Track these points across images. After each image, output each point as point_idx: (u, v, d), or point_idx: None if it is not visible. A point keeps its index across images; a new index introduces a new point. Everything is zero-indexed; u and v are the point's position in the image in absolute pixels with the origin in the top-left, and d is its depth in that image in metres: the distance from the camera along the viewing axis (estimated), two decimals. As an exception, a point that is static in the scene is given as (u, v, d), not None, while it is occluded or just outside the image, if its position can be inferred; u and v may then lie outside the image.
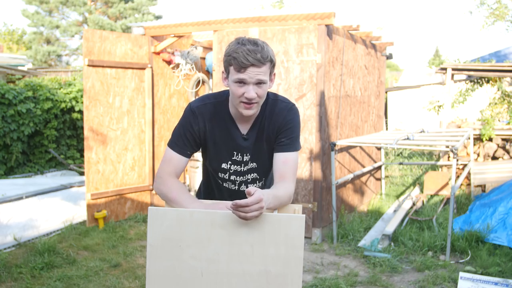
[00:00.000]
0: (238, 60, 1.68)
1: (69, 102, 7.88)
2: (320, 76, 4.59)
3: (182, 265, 1.61)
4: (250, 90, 1.71)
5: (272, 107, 1.88)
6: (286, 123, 1.86)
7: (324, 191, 4.82)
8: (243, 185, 1.98)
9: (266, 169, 1.98)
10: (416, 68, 16.17)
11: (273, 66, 1.77)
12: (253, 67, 1.68)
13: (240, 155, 1.91)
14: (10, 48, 23.82)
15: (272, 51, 1.75)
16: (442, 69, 7.28)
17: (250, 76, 1.69)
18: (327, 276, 3.81)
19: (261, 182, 2.00)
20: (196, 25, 5.25)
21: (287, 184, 1.78)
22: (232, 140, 1.88)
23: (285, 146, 1.85)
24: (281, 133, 1.86)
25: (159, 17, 24.33)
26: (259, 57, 1.68)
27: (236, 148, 1.90)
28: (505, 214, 4.52)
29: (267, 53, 1.70)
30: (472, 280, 3.59)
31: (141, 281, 3.70)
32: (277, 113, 1.87)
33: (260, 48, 1.69)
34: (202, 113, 1.85)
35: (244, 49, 1.67)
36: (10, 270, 3.85)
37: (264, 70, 1.71)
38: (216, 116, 1.86)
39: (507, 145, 6.73)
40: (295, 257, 1.55)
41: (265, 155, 1.93)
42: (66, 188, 6.00)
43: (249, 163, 1.94)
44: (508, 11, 13.45)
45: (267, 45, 1.74)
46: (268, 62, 1.72)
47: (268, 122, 1.88)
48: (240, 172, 1.94)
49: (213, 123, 1.86)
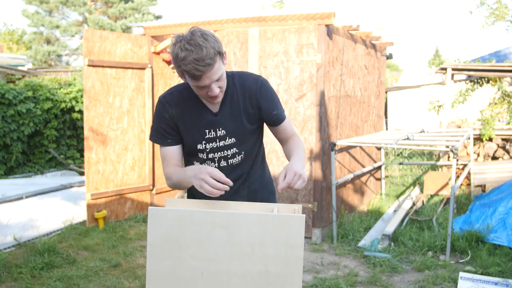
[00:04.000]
0: (190, 72, 1.68)
1: (69, 102, 7.88)
2: (320, 76, 4.59)
3: (182, 265, 1.61)
4: (212, 89, 1.76)
5: (242, 81, 1.93)
6: (268, 95, 1.94)
7: (324, 191, 4.82)
8: (222, 160, 1.96)
9: (245, 142, 1.97)
10: (416, 68, 16.17)
11: (221, 53, 1.75)
12: (207, 72, 1.69)
13: (213, 131, 1.92)
14: (10, 48, 23.83)
15: (213, 39, 1.70)
16: (442, 69, 7.28)
17: (208, 81, 1.72)
18: (327, 276, 3.81)
19: (240, 156, 1.97)
20: (196, 25, 5.24)
21: (295, 138, 1.99)
22: (201, 120, 1.90)
23: (279, 117, 1.97)
24: (268, 107, 1.93)
25: (159, 17, 24.34)
26: (208, 62, 1.67)
27: (207, 126, 1.91)
28: (505, 214, 4.52)
29: (212, 51, 1.67)
30: (472, 280, 3.59)
31: (141, 281, 3.70)
32: (249, 86, 1.92)
33: (205, 49, 1.65)
34: (168, 101, 1.91)
35: (191, 60, 1.65)
36: (10, 270, 3.85)
37: (217, 67, 1.72)
38: (184, 101, 1.91)
39: (507, 145, 6.73)
40: (295, 257, 1.55)
41: (244, 128, 1.93)
42: (66, 188, 6.00)
43: (226, 139, 1.93)
44: (508, 11, 13.46)
45: (206, 36, 1.68)
46: (217, 56, 1.70)
47: (242, 95, 1.91)
48: (216, 148, 1.94)
49: (182, 108, 1.91)
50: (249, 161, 2.02)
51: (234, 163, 1.98)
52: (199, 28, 1.73)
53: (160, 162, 5.88)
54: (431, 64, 13.20)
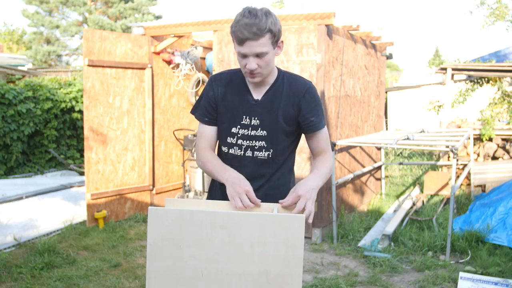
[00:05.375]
0: (236, 34, 1.73)
1: (69, 102, 7.88)
2: (320, 76, 4.59)
3: (182, 265, 1.61)
4: (251, 62, 1.77)
5: (291, 80, 1.94)
6: (311, 100, 1.92)
7: (324, 191, 4.82)
8: (248, 150, 1.94)
9: (276, 140, 1.94)
10: (416, 68, 16.16)
11: (275, 36, 1.78)
12: (251, 40, 1.72)
13: (249, 119, 1.92)
14: (10, 48, 23.83)
15: (273, 20, 1.75)
16: (442, 69, 7.28)
17: (248, 50, 1.74)
18: (327, 276, 3.81)
19: (267, 152, 1.94)
20: (196, 25, 5.25)
21: (325, 156, 1.95)
22: (242, 104, 1.93)
23: (316, 125, 1.93)
24: (308, 112, 1.91)
25: (159, 17, 24.32)
26: (255, 31, 1.70)
27: (245, 112, 1.92)
28: (505, 214, 4.52)
29: (265, 25, 1.71)
30: (472, 280, 3.59)
31: (141, 281, 3.70)
32: (296, 86, 1.92)
33: (259, 20, 1.70)
34: (217, 79, 1.97)
35: (242, 23, 1.71)
36: (10, 270, 3.85)
37: (262, 42, 1.73)
38: (231, 82, 1.95)
39: (507, 145, 6.73)
40: (295, 257, 1.55)
41: (278, 125, 1.92)
42: (66, 188, 6.00)
43: (258, 129, 1.92)
44: (508, 11, 13.45)
45: (269, 14, 1.74)
46: (267, 33, 1.73)
47: (287, 93, 1.91)
48: (247, 136, 1.93)
49: (227, 88, 1.95)
50: (275, 163, 1.97)
51: (260, 157, 1.94)
52: (268, 8, 1.78)
53: (160, 162, 5.92)
54: (431, 64, 13.18)
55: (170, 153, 6.05)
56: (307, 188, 1.71)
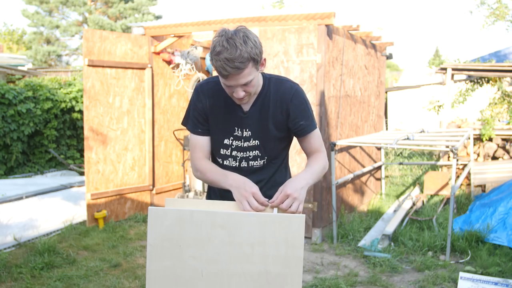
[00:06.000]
0: (218, 70, 1.70)
1: (69, 102, 7.88)
2: (320, 76, 4.59)
3: (182, 265, 1.61)
4: (238, 91, 1.77)
5: (277, 86, 1.92)
6: (299, 104, 1.91)
7: (324, 191, 4.82)
8: (243, 161, 1.96)
9: (269, 148, 1.96)
10: (416, 68, 16.16)
11: (257, 61, 1.73)
12: (234, 75, 1.69)
13: (240, 131, 1.93)
14: (10, 48, 23.82)
15: (253, 43, 1.69)
16: (442, 69, 7.28)
17: (234, 82, 1.73)
18: (327, 276, 3.81)
19: (262, 160, 1.97)
20: (196, 25, 5.25)
21: (319, 154, 1.96)
22: (232, 116, 1.92)
23: (306, 128, 1.93)
24: (296, 116, 1.90)
25: (159, 17, 24.31)
26: (237, 65, 1.66)
27: (237, 124, 1.92)
28: (505, 214, 4.52)
29: (246, 55, 1.66)
30: (472, 280, 3.59)
31: (141, 281, 3.70)
32: (283, 92, 1.91)
33: (239, 51, 1.64)
34: (203, 90, 1.95)
35: (222, 58, 1.65)
36: (10, 270, 3.85)
37: (247, 72, 1.70)
38: (218, 92, 1.91)
39: (507, 145, 6.73)
40: (295, 257, 1.55)
41: (269, 134, 1.93)
42: (66, 188, 6.00)
43: (251, 140, 1.93)
44: (508, 11, 13.45)
45: (247, 39, 1.67)
46: (250, 62, 1.69)
47: (274, 101, 1.90)
48: (241, 148, 1.94)
49: (215, 99, 1.93)
50: (272, 168, 2.01)
51: (256, 166, 1.97)
52: (245, 29, 1.72)
53: (160, 162, 5.92)
54: (431, 64, 13.18)
55: (170, 153, 6.05)
56: (296, 187, 1.72)
